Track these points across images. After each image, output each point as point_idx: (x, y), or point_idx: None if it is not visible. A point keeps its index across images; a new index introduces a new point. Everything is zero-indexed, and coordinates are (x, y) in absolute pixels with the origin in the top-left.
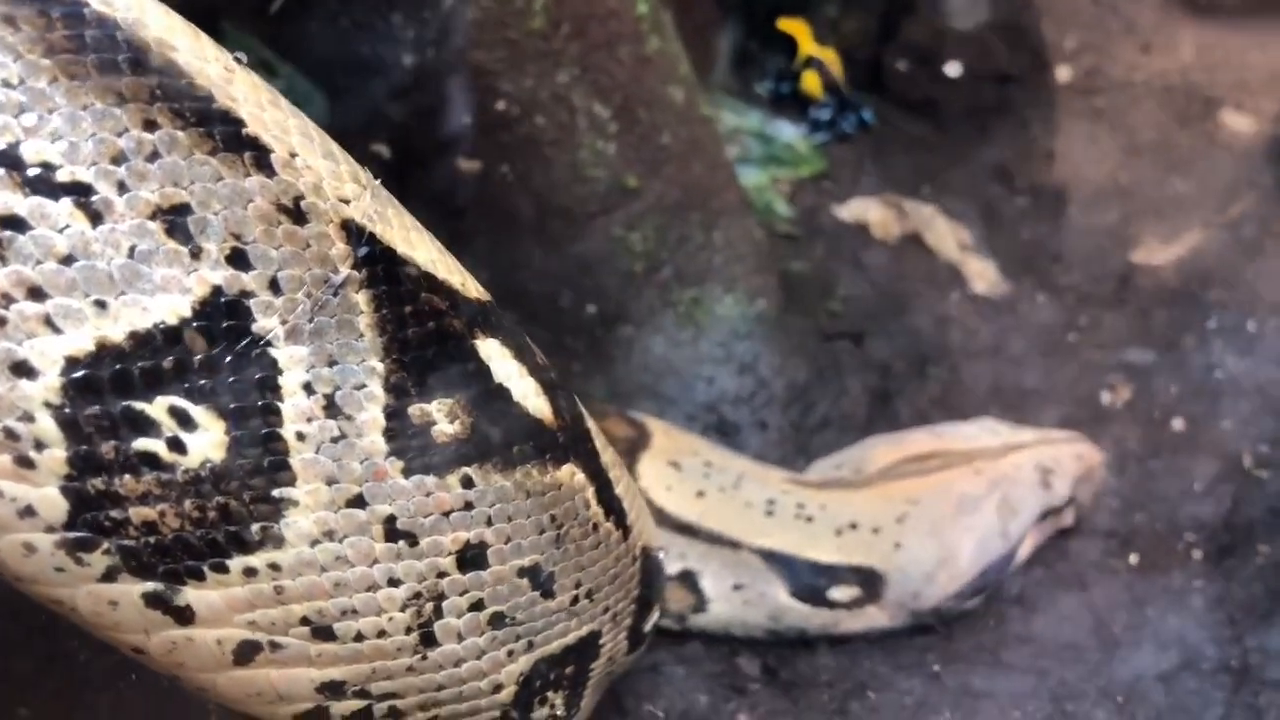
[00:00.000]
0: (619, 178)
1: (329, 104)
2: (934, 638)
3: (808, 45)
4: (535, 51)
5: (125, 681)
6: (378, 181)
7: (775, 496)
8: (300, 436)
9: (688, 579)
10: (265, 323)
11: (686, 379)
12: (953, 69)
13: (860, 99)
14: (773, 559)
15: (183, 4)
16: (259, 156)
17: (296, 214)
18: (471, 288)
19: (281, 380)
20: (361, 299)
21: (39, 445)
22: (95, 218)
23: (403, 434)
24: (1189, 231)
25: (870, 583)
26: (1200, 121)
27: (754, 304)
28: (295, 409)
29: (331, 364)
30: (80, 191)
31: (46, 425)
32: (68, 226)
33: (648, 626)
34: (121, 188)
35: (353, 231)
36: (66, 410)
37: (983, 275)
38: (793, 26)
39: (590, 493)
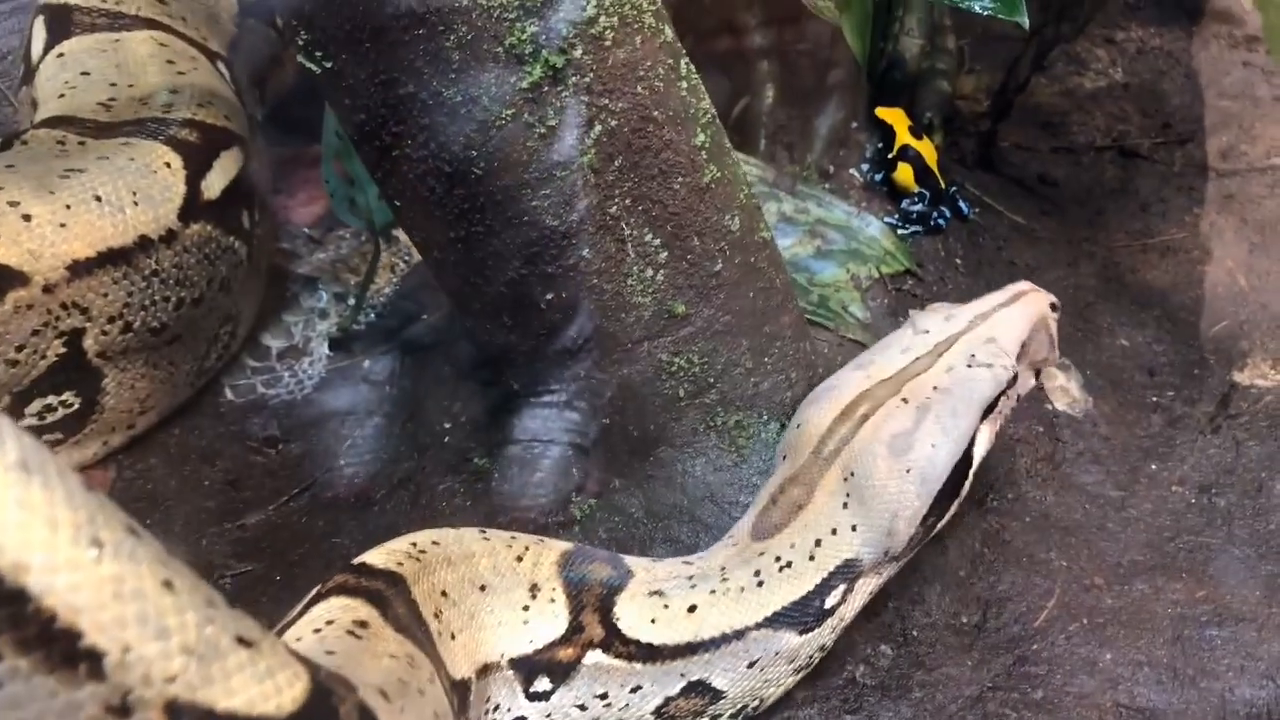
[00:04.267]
0: (666, 304)
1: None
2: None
3: (904, 135)
4: (586, 184)
5: None
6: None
7: (759, 567)
8: None
9: (697, 687)
10: None
11: (724, 505)
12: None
13: (960, 190)
14: (776, 620)
15: (300, 85)
16: (93, 665)
17: (123, 709)
18: (289, 700)
19: None
20: None
21: None
22: None
23: None
24: None
25: (849, 570)
26: None
27: None
28: None
29: None
30: None
31: None
32: None
33: None
34: None
35: (175, 710)
36: None
37: (1065, 391)
38: (890, 115)
39: None
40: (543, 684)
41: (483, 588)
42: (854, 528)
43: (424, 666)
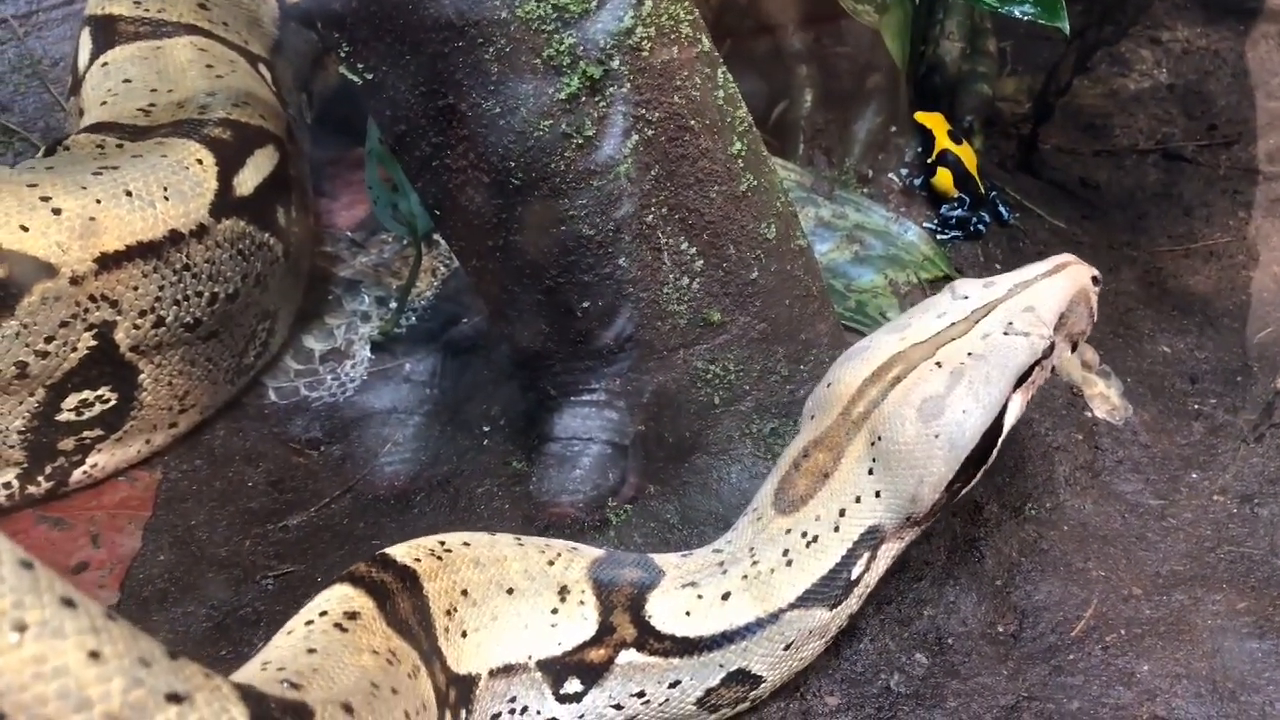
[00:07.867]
0: (702, 312)
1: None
2: None
3: (943, 140)
4: (623, 193)
5: None
6: None
7: (787, 546)
8: None
9: (737, 676)
10: None
11: None
12: None
13: (999, 194)
14: (807, 598)
15: (344, 88)
16: None
17: None
18: None
19: None
20: None
21: None
22: None
23: None
24: None
25: (872, 537)
26: None
27: None
28: None
29: None
30: None
31: None
32: None
33: None
34: None
35: None
36: None
37: (1105, 399)
38: (930, 120)
39: None
40: (573, 685)
41: (510, 590)
42: (878, 494)
43: (406, 661)
